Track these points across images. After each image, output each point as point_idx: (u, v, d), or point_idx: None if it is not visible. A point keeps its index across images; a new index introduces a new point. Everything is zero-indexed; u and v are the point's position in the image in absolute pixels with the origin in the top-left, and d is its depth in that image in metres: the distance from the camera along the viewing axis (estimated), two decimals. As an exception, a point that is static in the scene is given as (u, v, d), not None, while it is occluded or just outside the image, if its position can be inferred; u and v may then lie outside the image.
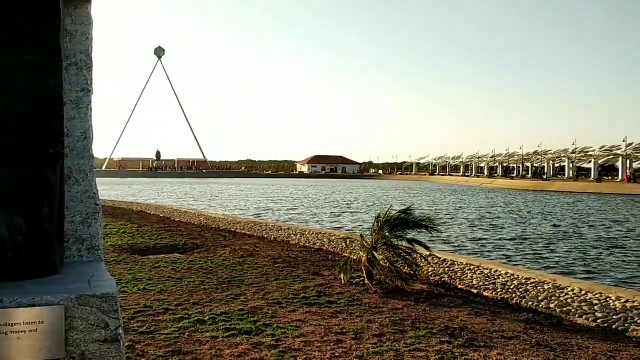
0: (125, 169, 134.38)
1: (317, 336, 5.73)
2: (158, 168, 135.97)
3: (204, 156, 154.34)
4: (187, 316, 6.43)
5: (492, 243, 18.32)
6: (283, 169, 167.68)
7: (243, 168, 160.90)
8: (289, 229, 15.98)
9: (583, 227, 23.55)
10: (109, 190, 53.16)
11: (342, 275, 8.49)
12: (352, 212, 31.81)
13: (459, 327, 6.15)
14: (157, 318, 6.38)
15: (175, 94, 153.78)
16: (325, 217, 28.75)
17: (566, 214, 31.04)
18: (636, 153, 77.24)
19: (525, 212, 31.83)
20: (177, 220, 19.32)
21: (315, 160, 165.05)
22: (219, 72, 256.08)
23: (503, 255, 15.69)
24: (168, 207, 26.96)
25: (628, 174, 72.08)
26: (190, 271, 9.46)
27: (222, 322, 6.21)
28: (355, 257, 9.10)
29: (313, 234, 14.61)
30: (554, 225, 24.25)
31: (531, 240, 19.13)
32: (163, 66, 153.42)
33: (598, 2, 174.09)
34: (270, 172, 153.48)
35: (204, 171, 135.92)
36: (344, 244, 11.73)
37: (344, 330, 5.94)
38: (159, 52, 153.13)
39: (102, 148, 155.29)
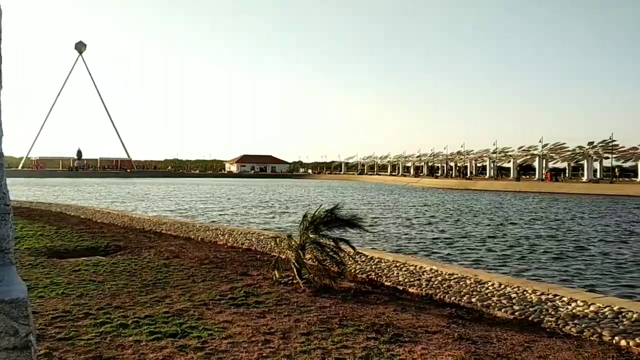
0: (43, 168, 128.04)
1: (245, 337, 5.67)
2: (79, 167, 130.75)
3: (128, 155, 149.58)
4: (108, 320, 6.21)
5: (418, 240, 18.78)
6: (211, 168, 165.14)
7: (169, 167, 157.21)
8: (216, 229, 15.74)
9: (506, 224, 24.57)
10: (25, 190, 50.66)
11: (274, 272, 8.46)
12: (284, 212, 31.77)
13: (385, 323, 6.26)
14: (76, 323, 6.12)
15: (98, 90, 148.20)
16: (257, 217, 28.58)
17: (491, 210, 32.28)
18: (551, 153, 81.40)
19: (450, 210, 32.85)
20: (99, 221, 18.63)
21: (244, 159, 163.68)
22: (144, 70, 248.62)
23: (428, 251, 16.12)
24: (90, 208, 25.94)
25: (550, 173, 76.19)
26: (112, 274, 9.15)
27: (146, 325, 6.03)
28: (284, 257, 9.09)
29: (241, 233, 14.47)
30: (478, 223, 25.17)
31: (455, 236, 19.77)
32: (84, 62, 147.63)
33: (513, 3, 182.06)
34: (197, 171, 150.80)
35: (128, 171, 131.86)
36: (272, 243, 11.68)
37: (272, 330, 5.91)
38: (80, 47, 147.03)
39: (19, 146, 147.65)
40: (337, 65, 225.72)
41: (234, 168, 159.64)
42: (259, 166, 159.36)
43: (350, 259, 9.62)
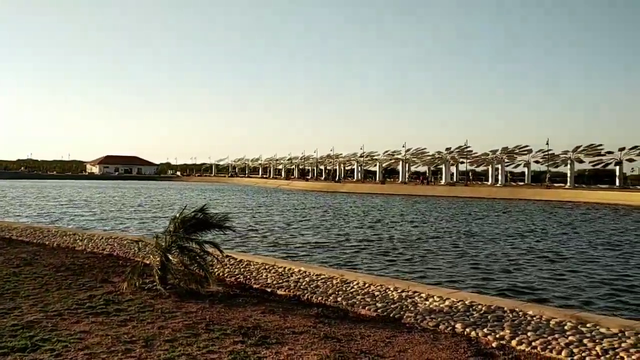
0: None
1: (103, 347, 5.36)
2: None
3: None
4: (-56, 337, 5.58)
5: (289, 242, 18.96)
6: (70, 170, 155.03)
7: (23, 168, 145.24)
8: (74, 234, 14.77)
9: (373, 225, 25.57)
10: None
11: (130, 281, 8.07)
12: (154, 216, 30.60)
13: (253, 325, 6.23)
14: None
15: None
16: (125, 221, 27.24)
17: (359, 212, 33.42)
18: (413, 158, 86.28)
19: (320, 212, 33.55)
20: (-64, 227, 16.72)
21: (108, 160, 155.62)
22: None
23: (298, 253, 16.33)
24: None
25: (422, 177, 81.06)
26: (-49, 285, 8.24)
27: (-10, 340, 5.50)
28: (148, 261, 8.73)
29: (102, 238, 13.70)
30: (347, 224, 25.96)
31: (324, 238, 20.22)
32: None
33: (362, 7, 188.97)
34: (55, 172, 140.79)
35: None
36: (136, 248, 11.19)
37: (134, 339, 5.64)
38: None
39: None
40: (203, 66, 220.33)
41: (96, 169, 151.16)
42: (124, 168, 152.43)
43: (219, 262, 9.50)
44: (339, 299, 7.72)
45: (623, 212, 37.65)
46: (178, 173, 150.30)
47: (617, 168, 64.35)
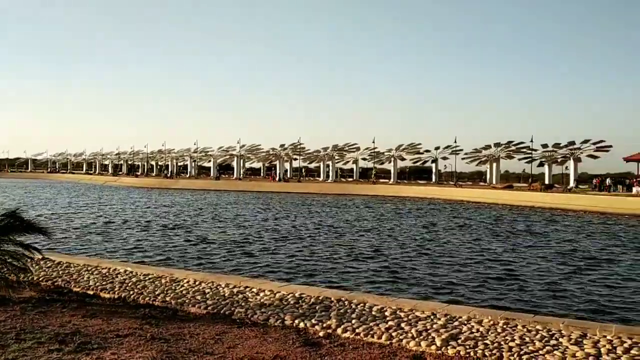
0: None
1: None
2: None
3: None
4: None
5: (116, 242, 17.98)
6: None
7: None
8: None
9: (207, 222, 25.20)
10: None
11: None
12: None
13: (71, 331, 5.81)
14: None
15: None
16: None
17: (192, 209, 32.74)
18: (248, 154, 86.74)
19: (150, 210, 32.31)
20: None
21: None
22: None
23: (125, 253, 15.56)
24: None
25: (273, 175, 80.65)
26: None
27: None
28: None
29: None
30: (181, 221, 25.30)
31: (152, 236, 19.50)
32: None
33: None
34: None
35: None
36: None
37: None
38: None
39: None
40: (9, 50, 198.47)
41: None
42: None
43: (36, 265, 8.72)
44: (168, 298, 7.50)
45: (440, 205, 41.34)
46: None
47: (434, 165, 70.62)
